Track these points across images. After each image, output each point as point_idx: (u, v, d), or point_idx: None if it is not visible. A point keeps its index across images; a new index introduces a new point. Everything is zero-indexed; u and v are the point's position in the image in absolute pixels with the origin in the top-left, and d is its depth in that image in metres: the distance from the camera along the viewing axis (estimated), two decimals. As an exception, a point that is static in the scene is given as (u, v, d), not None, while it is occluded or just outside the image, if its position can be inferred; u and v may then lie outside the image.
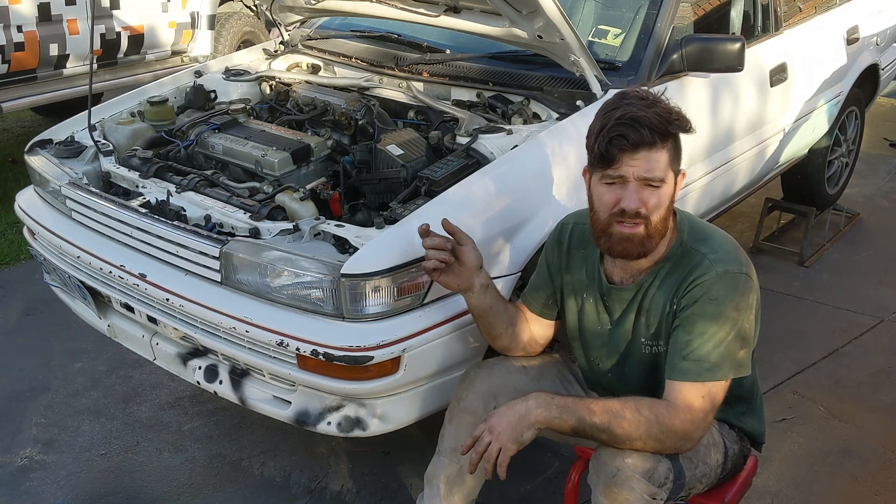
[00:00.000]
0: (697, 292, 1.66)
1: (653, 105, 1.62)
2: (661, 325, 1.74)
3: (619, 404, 1.63)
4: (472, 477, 1.86)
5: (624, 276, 1.79)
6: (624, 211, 1.63)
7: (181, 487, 2.53)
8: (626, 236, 1.65)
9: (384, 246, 1.97)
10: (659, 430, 1.60)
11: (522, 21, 2.37)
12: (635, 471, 1.60)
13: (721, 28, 3.21)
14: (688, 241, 1.73)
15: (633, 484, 1.59)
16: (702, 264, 1.68)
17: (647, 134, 1.59)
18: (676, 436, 1.61)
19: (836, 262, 3.94)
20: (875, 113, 5.74)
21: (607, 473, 1.62)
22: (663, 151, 1.62)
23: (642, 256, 1.70)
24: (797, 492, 2.46)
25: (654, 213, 1.64)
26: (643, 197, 1.62)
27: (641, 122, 1.58)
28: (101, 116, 2.76)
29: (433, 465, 1.89)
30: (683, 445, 1.64)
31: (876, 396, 2.92)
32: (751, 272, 1.70)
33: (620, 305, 1.80)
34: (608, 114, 1.63)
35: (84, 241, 2.38)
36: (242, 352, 2.09)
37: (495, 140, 2.33)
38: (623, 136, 1.59)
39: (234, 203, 2.23)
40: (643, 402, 1.63)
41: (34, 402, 2.95)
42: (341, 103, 2.70)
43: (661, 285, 1.73)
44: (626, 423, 1.60)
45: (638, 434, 1.60)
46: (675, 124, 1.62)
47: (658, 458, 1.63)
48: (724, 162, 3.00)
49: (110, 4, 5.03)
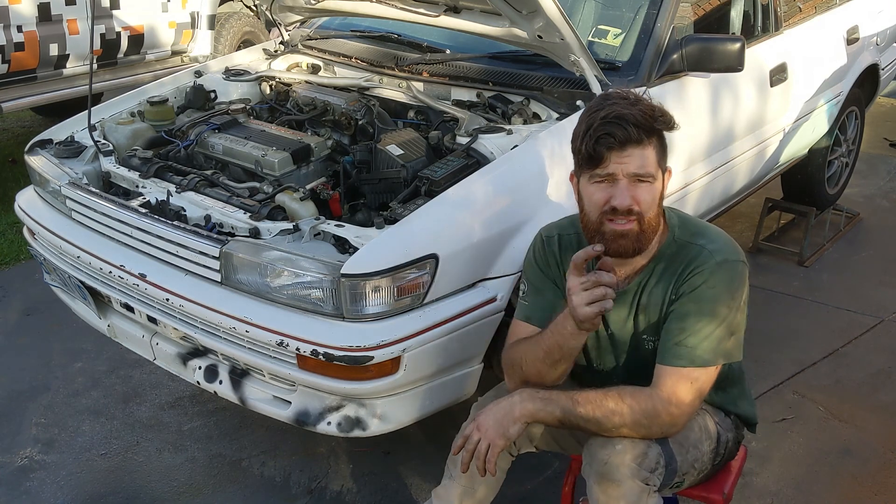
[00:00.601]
0: (697, 280, 1.67)
1: (636, 103, 1.64)
2: (661, 319, 1.74)
3: (602, 393, 1.64)
4: (485, 489, 1.86)
5: (619, 279, 1.78)
6: (615, 209, 1.63)
7: (181, 487, 2.53)
8: (620, 233, 1.65)
9: (384, 246, 1.97)
10: (643, 415, 1.61)
11: (522, 21, 2.37)
12: (626, 457, 1.61)
13: (721, 28, 3.21)
14: (681, 236, 1.74)
15: (624, 471, 1.60)
16: (700, 254, 1.69)
17: (633, 131, 1.60)
18: (661, 420, 1.62)
19: (836, 262, 3.94)
20: (875, 113, 5.73)
21: (599, 462, 1.63)
22: (650, 148, 1.63)
23: (637, 253, 1.70)
24: (797, 492, 2.46)
25: (648, 210, 1.64)
26: (635, 194, 1.63)
27: (627, 119, 1.60)
28: (101, 116, 2.76)
29: (445, 487, 1.87)
30: (669, 430, 1.65)
31: (876, 396, 2.92)
32: (746, 260, 1.73)
33: (618, 308, 1.78)
34: (592, 115, 1.65)
35: (84, 241, 2.38)
36: (242, 352, 2.09)
37: (495, 140, 2.33)
38: (610, 134, 1.60)
39: (234, 203, 2.23)
40: (626, 389, 1.65)
41: (34, 402, 2.95)
42: (341, 103, 2.70)
43: (659, 282, 1.73)
44: (609, 412, 1.61)
45: (623, 421, 1.61)
46: (660, 121, 1.64)
47: (648, 444, 1.64)
48: (724, 162, 3.00)
49: (110, 4, 5.02)
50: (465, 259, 2.07)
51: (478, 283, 2.13)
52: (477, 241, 2.09)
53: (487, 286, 2.13)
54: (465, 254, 2.07)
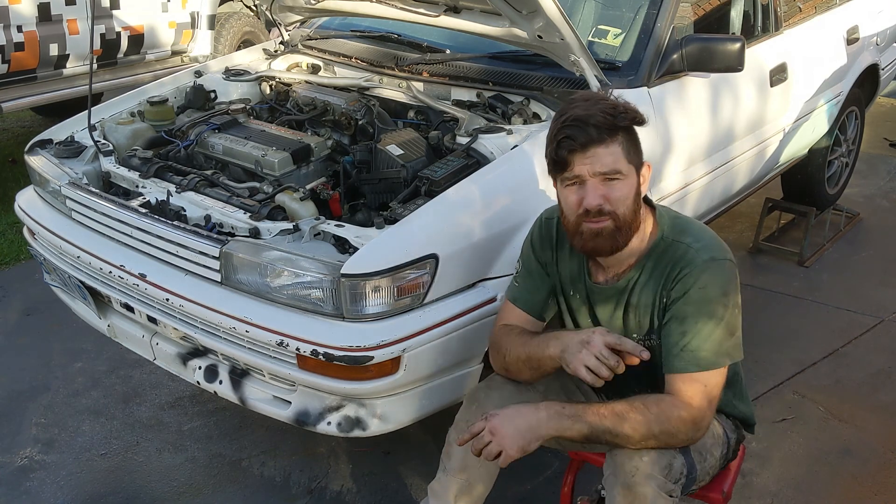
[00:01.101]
0: (688, 282, 1.67)
1: (596, 103, 1.65)
2: (652, 320, 1.75)
3: (626, 406, 1.63)
4: (481, 485, 1.86)
5: (607, 276, 1.80)
6: (588, 210, 1.65)
7: (181, 487, 2.53)
8: (595, 232, 1.67)
9: (384, 246, 1.97)
10: (669, 425, 1.61)
11: (522, 21, 2.37)
12: (653, 469, 1.62)
13: (721, 28, 3.21)
14: (669, 235, 1.74)
15: (651, 482, 1.61)
16: (686, 254, 1.70)
17: (593, 131, 1.62)
18: (686, 427, 1.63)
19: (836, 262, 3.94)
20: (875, 113, 5.73)
21: (626, 473, 1.63)
22: (615, 145, 1.64)
23: (615, 251, 1.71)
24: (797, 492, 2.46)
25: (619, 206, 1.66)
26: (604, 192, 1.65)
27: (585, 120, 1.62)
28: (101, 116, 2.76)
29: (440, 483, 1.86)
30: (694, 435, 1.66)
31: (876, 396, 2.92)
32: (732, 257, 1.73)
33: (606, 304, 1.81)
34: (556, 120, 1.68)
35: (84, 241, 2.38)
36: (242, 352, 2.09)
37: (495, 140, 2.33)
38: (570, 137, 1.63)
39: (234, 203, 2.23)
40: (649, 399, 1.64)
41: (34, 402, 2.95)
42: (341, 103, 2.70)
43: (648, 281, 1.74)
44: (637, 424, 1.61)
45: (651, 432, 1.61)
46: (622, 117, 1.64)
47: (673, 455, 1.65)
48: (724, 162, 3.00)
49: (110, 4, 5.03)
50: (465, 259, 2.07)
51: (478, 284, 2.13)
52: (477, 242, 2.09)
53: (487, 286, 2.13)
54: (465, 254, 2.07)
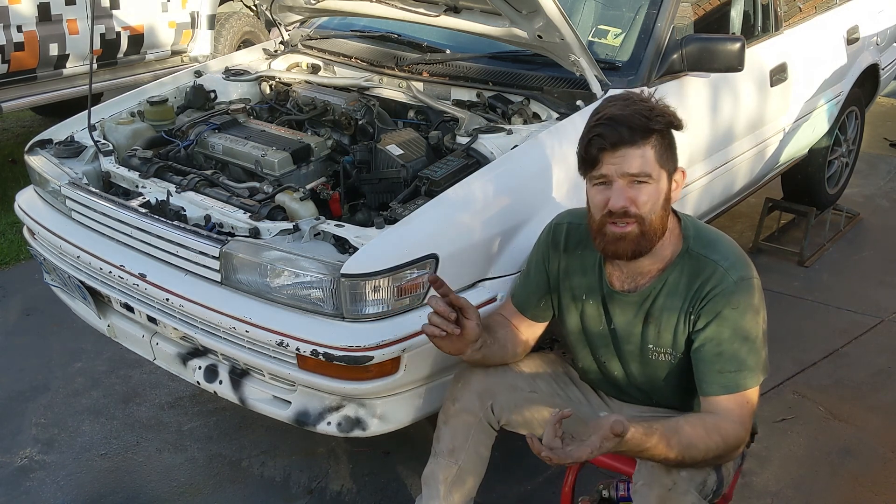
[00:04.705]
0: (719, 303, 1.65)
1: (634, 104, 1.63)
2: (675, 336, 1.73)
3: (689, 430, 1.58)
4: (471, 477, 1.87)
5: (626, 281, 1.77)
6: (612, 211, 1.63)
7: (181, 487, 2.53)
8: (618, 236, 1.65)
9: (384, 246, 1.97)
10: (725, 448, 1.61)
11: (522, 21, 2.37)
12: (690, 485, 1.62)
13: (721, 28, 3.21)
14: (694, 247, 1.71)
15: (688, 497, 1.61)
16: (716, 273, 1.67)
17: (625, 132, 1.59)
18: (733, 448, 1.63)
19: (836, 262, 3.94)
20: (875, 113, 5.73)
21: (663, 486, 1.62)
22: (647, 148, 1.61)
23: (637, 256, 1.68)
24: (797, 492, 2.46)
25: (646, 210, 1.63)
26: (631, 195, 1.62)
27: (619, 120, 1.60)
28: (101, 116, 2.76)
29: (430, 466, 1.89)
30: (735, 454, 1.68)
31: (876, 396, 2.92)
32: (756, 273, 1.72)
33: (625, 311, 1.78)
34: (591, 118, 1.66)
35: (84, 241, 2.38)
36: (242, 352, 2.09)
37: (495, 140, 2.33)
38: (601, 135, 1.61)
39: (234, 203, 2.22)
40: (708, 423, 1.61)
41: (34, 402, 2.95)
42: (341, 103, 2.70)
43: (671, 294, 1.71)
44: (699, 452, 1.58)
45: (708, 458, 1.60)
46: (657, 120, 1.62)
47: (708, 472, 1.66)
48: (724, 162, 3.00)
49: (110, 4, 5.03)
50: (465, 259, 2.07)
51: (478, 283, 2.12)
52: (477, 242, 2.09)
53: (487, 286, 2.13)
54: (465, 254, 2.07)
